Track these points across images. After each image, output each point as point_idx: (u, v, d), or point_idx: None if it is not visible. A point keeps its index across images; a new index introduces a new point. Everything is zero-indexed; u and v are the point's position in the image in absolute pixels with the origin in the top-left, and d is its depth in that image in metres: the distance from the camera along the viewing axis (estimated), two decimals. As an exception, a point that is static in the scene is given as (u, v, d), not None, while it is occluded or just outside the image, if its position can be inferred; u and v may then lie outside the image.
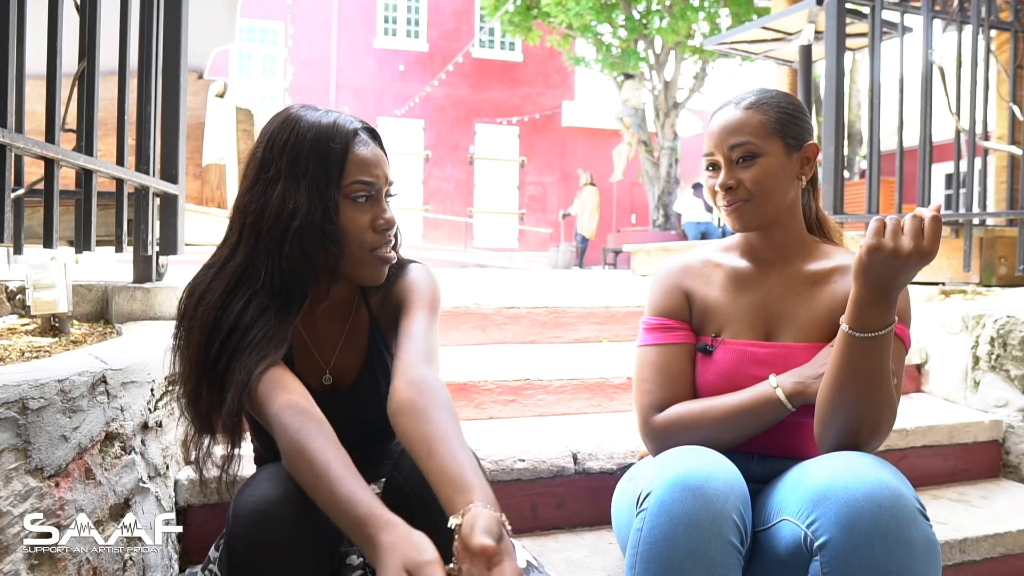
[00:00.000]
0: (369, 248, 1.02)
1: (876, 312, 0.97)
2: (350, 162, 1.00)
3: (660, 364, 1.20)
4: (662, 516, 0.96)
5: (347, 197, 1.00)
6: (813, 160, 1.20)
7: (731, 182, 1.16)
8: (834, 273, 1.19)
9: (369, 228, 1.02)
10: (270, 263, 0.98)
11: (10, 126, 1.19)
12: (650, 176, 12.09)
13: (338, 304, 1.13)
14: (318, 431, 0.86)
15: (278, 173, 0.98)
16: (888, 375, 1.01)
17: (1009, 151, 3.30)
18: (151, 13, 1.83)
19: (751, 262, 1.24)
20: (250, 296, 0.97)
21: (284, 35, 15.22)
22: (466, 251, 14.31)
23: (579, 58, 12.43)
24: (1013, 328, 2.02)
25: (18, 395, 0.91)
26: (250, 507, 0.86)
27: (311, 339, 1.11)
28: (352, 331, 1.14)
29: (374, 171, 1.02)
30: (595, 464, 1.60)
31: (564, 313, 2.48)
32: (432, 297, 1.11)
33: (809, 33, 4.10)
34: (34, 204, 1.41)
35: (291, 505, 0.85)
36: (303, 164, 0.98)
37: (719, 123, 1.19)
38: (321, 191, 0.98)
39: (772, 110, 1.17)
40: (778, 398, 1.09)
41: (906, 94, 2.84)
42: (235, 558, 0.85)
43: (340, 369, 1.13)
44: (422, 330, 1.04)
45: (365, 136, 1.04)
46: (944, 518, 1.68)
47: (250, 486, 0.89)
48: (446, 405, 0.90)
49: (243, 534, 0.85)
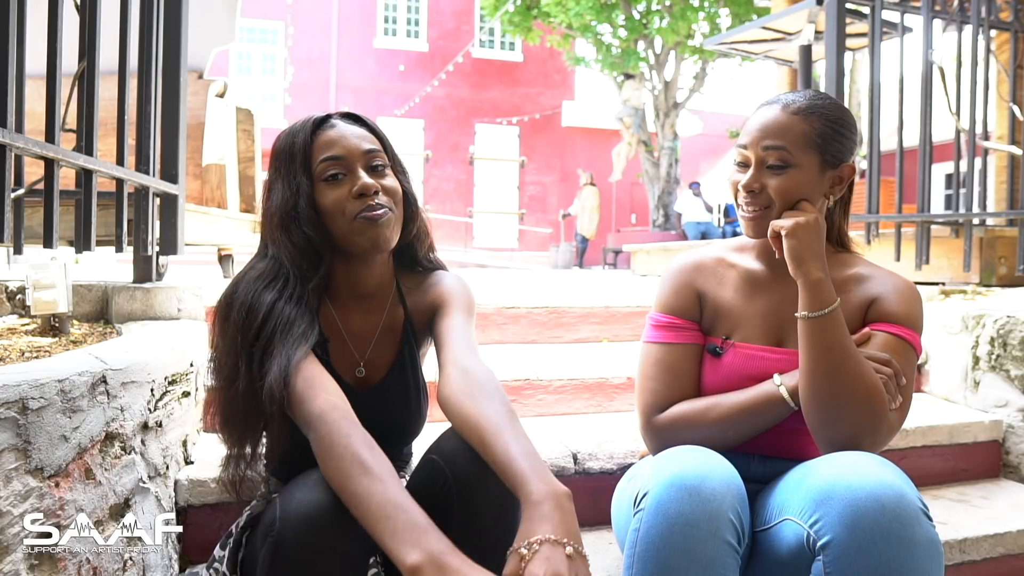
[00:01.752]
0: (352, 216, 1.06)
1: (812, 284, 1.06)
2: (315, 147, 1.08)
3: (667, 363, 1.19)
4: (659, 516, 0.96)
5: (321, 179, 1.07)
6: (847, 181, 1.16)
7: (755, 186, 1.13)
8: (849, 282, 1.18)
9: (347, 199, 1.06)
10: (279, 256, 1.07)
11: (10, 126, 1.19)
12: (650, 176, 12.09)
13: (371, 297, 1.16)
14: (361, 439, 0.87)
15: (270, 181, 1.11)
16: (851, 355, 1.02)
17: (1009, 151, 3.30)
18: (151, 13, 1.82)
19: (766, 265, 1.23)
20: (283, 284, 1.04)
21: (284, 35, 15.22)
22: (466, 251, 14.31)
23: (579, 58, 12.43)
24: (1013, 328, 2.02)
25: (18, 395, 0.91)
26: (302, 511, 0.86)
27: (347, 331, 1.14)
28: (387, 327, 1.17)
29: (340, 146, 1.07)
30: (595, 464, 1.60)
31: (564, 313, 2.48)
32: (468, 302, 1.17)
33: (809, 33, 4.10)
34: (34, 204, 1.41)
35: (339, 512, 0.86)
36: (278, 165, 1.09)
37: (761, 120, 1.14)
38: (291, 182, 1.06)
39: (818, 121, 1.12)
40: (781, 396, 1.09)
41: (906, 94, 2.84)
42: (283, 560, 0.85)
43: (372, 364, 1.15)
44: (463, 328, 1.09)
45: (336, 120, 1.11)
46: (944, 518, 1.68)
47: (300, 490, 0.89)
48: (498, 393, 0.94)
49: (294, 538, 0.85)
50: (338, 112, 1.13)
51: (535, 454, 0.84)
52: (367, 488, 0.81)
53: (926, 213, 2.74)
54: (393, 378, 1.15)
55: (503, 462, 0.83)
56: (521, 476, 0.81)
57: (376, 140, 1.12)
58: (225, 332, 1.03)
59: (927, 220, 2.72)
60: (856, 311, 1.15)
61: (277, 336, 0.98)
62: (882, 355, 1.06)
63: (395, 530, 0.77)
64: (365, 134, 1.11)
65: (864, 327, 1.13)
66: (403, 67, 15.57)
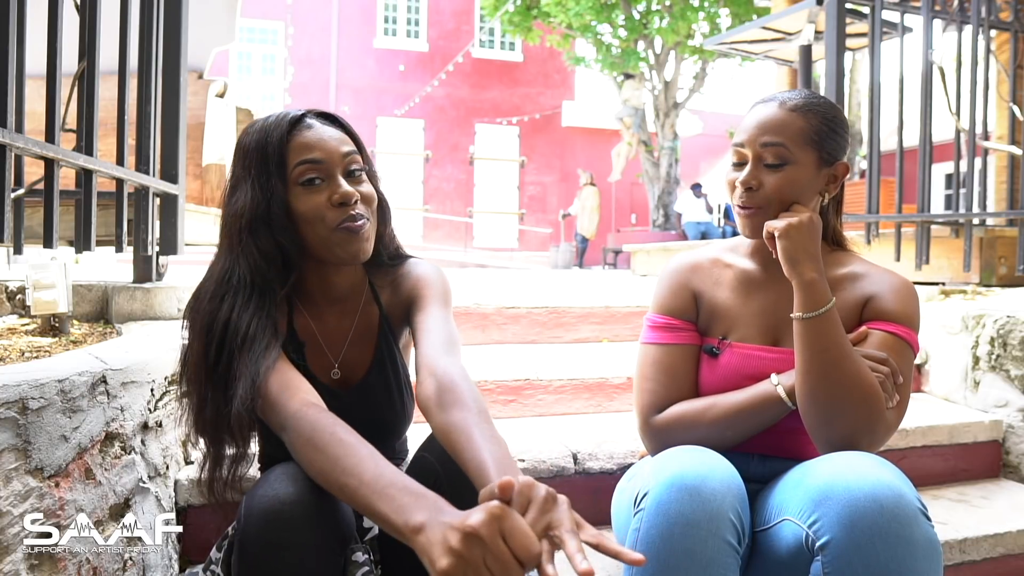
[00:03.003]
0: (332, 226, 1.02)
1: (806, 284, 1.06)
2: (291, 148, 1.02)
3: (663, 364, 1.19)
4: (659, 516, 0.96)
5: (296, 183, 1.02)
6: (840, 179, 1.17)
7: (753, 182, 1.12)
8: (845, 280, 1.18)
9: (327, 207, 1.02)
10: (237, 262, 1.01)
11: (10, 126, 1.19)
12: (650, 176, 12.09)
13: (345, 298, 1.14)
14: (345, 427, 0.86)
15: (235, 179, 1.04)
16: (847, 355, 1.02)
17: (1009, 151, 3.30)
18: (151, 13, 1.83)
19: (762, 265, 1.23)
20: (234, 295, 0.99)
21: (284, 35, 15.21)
22: (466, 251, 14.31)
23: (579, 58, 12.43)
24: (1013, 328, 2.02)
25: (18, 395, 0.91)
26: (263, 507, 0.85)
27: (321, 333, 1.12)
28: (361, 326, 1.14)
29: (319, 150, 1.02)
30: (595, 464, 1.60)
31: (564, 313, 2.48)
32: (444, 290, 1.13)
33: (809, 33, 4.10)
34: (34, 204, 1.41)
35: (304, 505, 0.85)
36: (247, 163, 1.02)
37: (758, 117, 1.14)
38: (263, 184, 1.00)
39: (815, 118, 1.12)
40: (779, 396, 1.09)
41: (906, 94, 2.84)
42: (247, 557, 0.85)
43: (349, 365, 1.13)
44: (439, 322, 1.06)
45: (312, 120, 1.05)
46: (944, 518, 1.68)
47: (262, 485, 0.89)
48: (471, 398, 0.92)
49: (256, 534, 0.84)
50: (312, 111, 1.07)
51: (507, 458, 0.83)
52: (354, 468, 0.80)
53: (926, 213, 2.74)
54: (373, 377, 1.13)
55: (474, 469, 0.82)
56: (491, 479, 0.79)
57: (352, 142, 1.08)
58: (191, 346, 1.00)
59: (927, 220, 2.72)
60: (852, 310, 1.15)
61: (237, 354, 0.95)
62: (879, 354, 1.06)
63: (392, 501, 0.75)
64: (343, 136, 1.06)
65: (860, 326, 1.13)
66: (403, 67, 15.57)
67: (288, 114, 1.04)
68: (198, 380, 0.98)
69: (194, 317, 1.00)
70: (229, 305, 0.98)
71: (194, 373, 0.99)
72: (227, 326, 0.97)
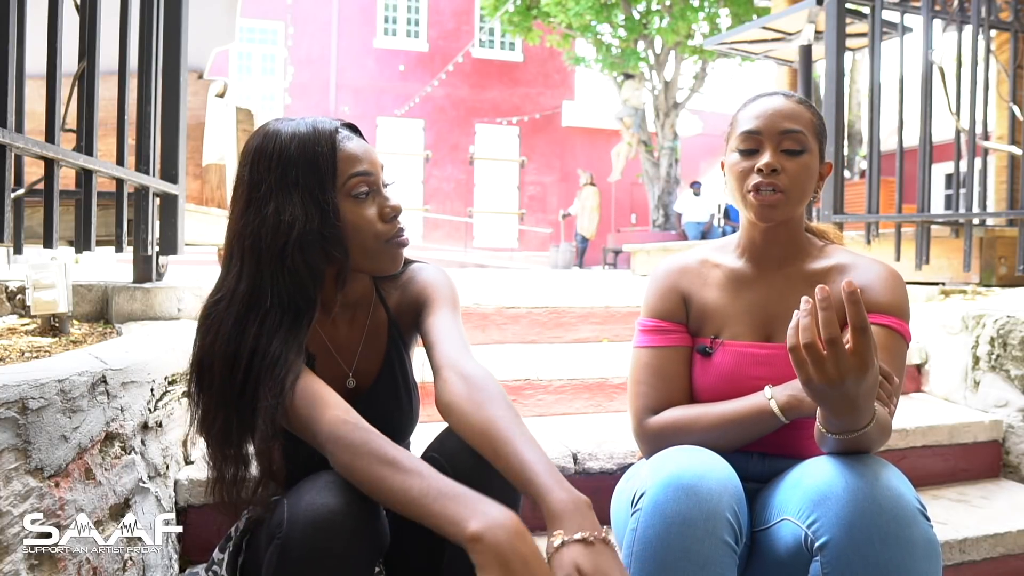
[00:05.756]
0: (384, 239, 1.01)
1: (850, 420, 0.91)
2: (340, 160, 0.98)
3: (655, 366, 1.20)
4: (656, 516, 0.96)
5: (348, 195, 0.99)
6: (824, 178, 1.20)
7: (777, 164, 1.12)
8: (832, 272, 1.18)
9: (378, 219, 1.01)
10: (275, 281, 0.96)
11: (10, 126, 1.19)
12: (650, 176, 12.10)
13: (355, 305, 1.13)
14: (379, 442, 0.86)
15: (269, 190, 0.96)
16: (877, 433, 0.93)
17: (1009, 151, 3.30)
18: (151, 13, 1.83)
19: (750, 262, 1.23)
20: (262, 318, 0.96)
21: (284, 35, 15.22)
22: (466, 251, 14.31)
23: (579, 58, 12.43)
24: (1013, 328, 2.02)
25: (18, 395, 0.91)
26: (311, 515, 0.85)
27: (332, 344, 1.11)
28: (371, 332, 1.14)
29: (367, 162, 1.01)
30: (595, 464, 1.60)
31: (564, 313, 2.48)
32: (452, 294, 1.13)
33: (809, 33, 4.10)
34: (34, 204, 1.41)
35: (353, 517, 0.85)
36: (292, 175, 0.96)
37: (772, 106, 1.14)
38: (315, 197, 0.96)
39: (816, 115, 1.17)
40: (771, 410, 1.08)
41: (906, 94, 2.84)
42: (289, 562, 0.85)
43: (360, 371, 1.13)
44: (453, 325, 1.05)
45: (347, 132, 1.03)
46: (944, 518, 1.68)
47: (308, 493, 0.87)
48: (501, 396, 0.91)
49: (302, 541, 0.84)
50: (340, 122, 1.03)
51: (548, 461, 0.84)
52: (402, 483, 0.81)
53: (926, 213, 2.74)
54: (383, 382, 1.13)
55: (518, 471, 0.83)
56: (542, 487, 0.80)
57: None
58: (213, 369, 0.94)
59: (927, 220, 2.72)
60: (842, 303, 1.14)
61: (263, 377, 0.92)
62: (884, 369, 1.05)
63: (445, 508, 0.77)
64: (372, 149, 1.05)
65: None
66: (403, 67, 15.57)
67: (323, 125, 1.00)
68: (224, 404, 0.95)
69: (215, 347, 0.95)
70: (256, 330, 0.95)
71: (217, 400, 0.95)
72: (254, 351, 0.94)
